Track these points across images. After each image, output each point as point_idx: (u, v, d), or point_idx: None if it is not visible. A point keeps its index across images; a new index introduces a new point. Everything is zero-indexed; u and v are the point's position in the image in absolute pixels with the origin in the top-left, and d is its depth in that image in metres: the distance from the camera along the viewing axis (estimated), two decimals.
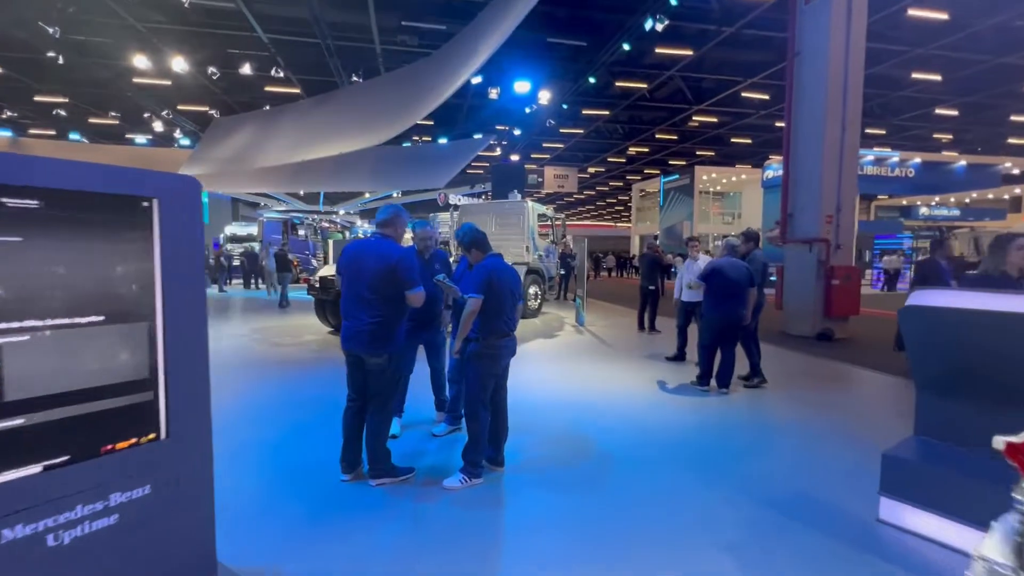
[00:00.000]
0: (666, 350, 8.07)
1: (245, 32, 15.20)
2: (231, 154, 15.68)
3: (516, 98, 21.62)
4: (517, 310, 3.87)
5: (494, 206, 12.00)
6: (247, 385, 6.03)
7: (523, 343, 8.48)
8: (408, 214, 4.41)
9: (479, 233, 3.82)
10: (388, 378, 3.41)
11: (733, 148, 30.67)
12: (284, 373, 6.55)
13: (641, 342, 9.08)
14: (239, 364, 7.06)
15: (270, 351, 7.85)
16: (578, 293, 10.73)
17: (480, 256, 3.75)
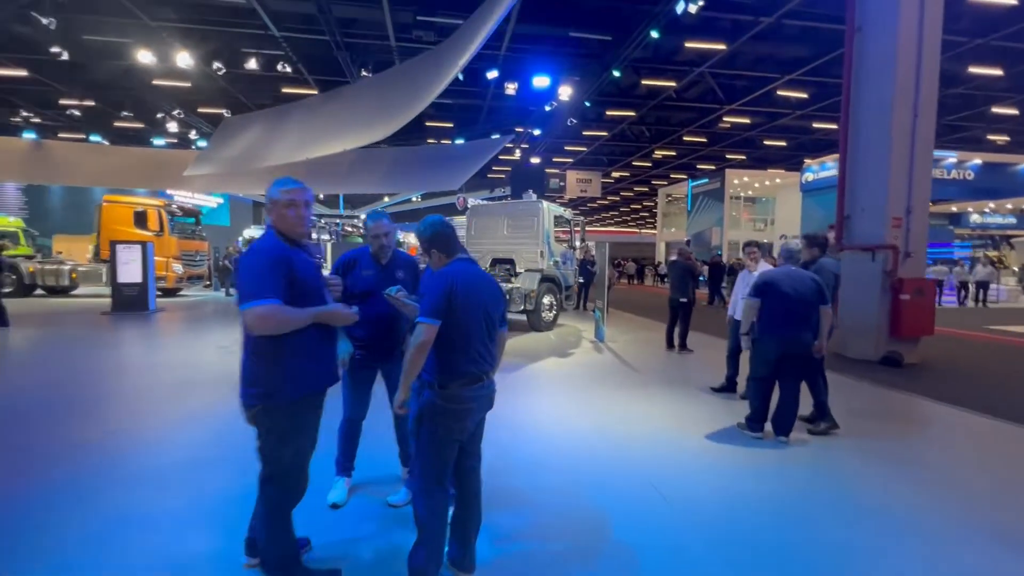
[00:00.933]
0: (701, 375, 6.69)
1: (259, 31, 14.64)
2: (238, 153, 14.88)
3: (536, 96, 20.45)
4: (497, 341, 2.64)
5: (506, 207, 10.80)
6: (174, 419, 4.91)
7: (532, 362, 7.22)
8: (387, 217, 3.29)
9: (445, 228, 2.57)
10: (269, 442, 2.21)
11: (766, 151, 28.91)
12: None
13: (671, 364, 7.71)
14: (185, 388, 5.96)
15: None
16: (597, 304, 9.41)
17: (442, 260, 2.51)
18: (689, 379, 6.60)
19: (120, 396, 5.53)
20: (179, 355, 7.54)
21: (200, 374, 6.34)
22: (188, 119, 19.91)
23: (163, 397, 5.38)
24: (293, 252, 2.24)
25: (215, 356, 7.45)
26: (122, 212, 15.17)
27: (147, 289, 12.17)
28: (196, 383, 5.86)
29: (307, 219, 2.33)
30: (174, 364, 6.85)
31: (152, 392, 5.56)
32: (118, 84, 19.13)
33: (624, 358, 7.83)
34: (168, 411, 4.93)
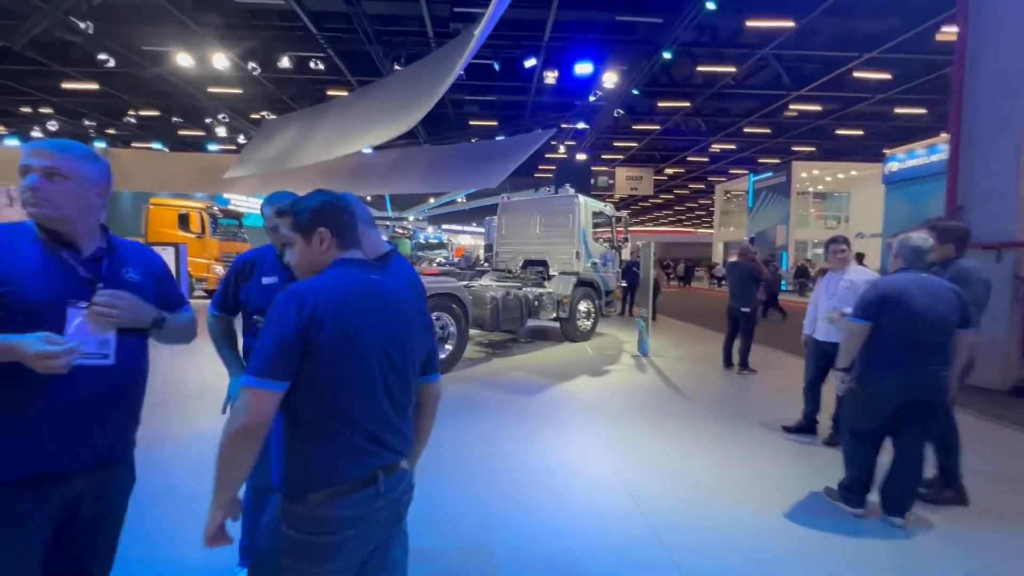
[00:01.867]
0: (768, 405, 5.28)
1: (300, 31, 14.46)
2: (274, 154, 14.57)
3: (581, 88, 19.13)
4: (423, 401, 1.55)
5: (539, 202, 9.64)
6: None
7: (559, 382, 6.03)
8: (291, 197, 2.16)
9: (341, 204, 1.49)
10: None
11: (838, 142, 26.12)
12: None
13: (729, 388, 6.30)
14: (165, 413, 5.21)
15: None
16: (641, 313, 8.08)
17: (320, 257, 1.43)
18: (753, 411, 5.21)
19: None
20: (189, 364, 6.92)
21: (192, 389, 5.62)
22: (236, 123, 20.09)
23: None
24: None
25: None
26: (167, 214, 15.25)
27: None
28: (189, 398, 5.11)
29: (45, 193, 1.31)
30: (184, 375, 6.21)
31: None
32: (175, 93, 19.63)
33: (671, 379, 6.49)
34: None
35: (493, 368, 6.90)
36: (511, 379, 6.30)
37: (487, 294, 7.18)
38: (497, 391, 5.74)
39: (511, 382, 6.16)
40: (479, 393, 5.65)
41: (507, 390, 5.79)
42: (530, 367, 6.98)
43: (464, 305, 6.63)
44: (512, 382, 6.16)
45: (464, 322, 6.64)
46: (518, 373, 6.60)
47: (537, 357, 7.70)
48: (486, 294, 7.18)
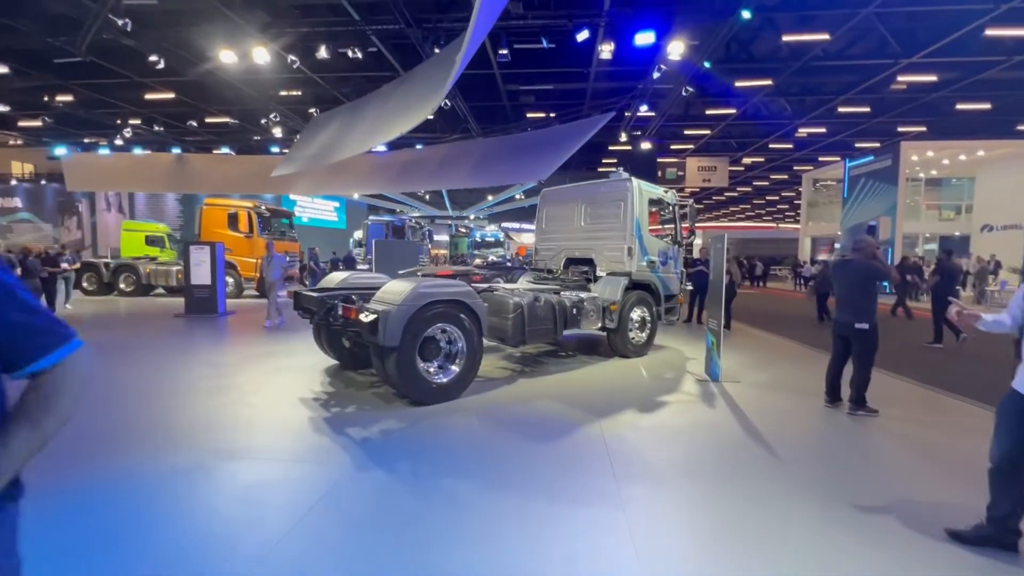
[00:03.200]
0: (908, 471, 3.42)
1: (346, 26, 13.88)
2: (317, 150, 13.96)
3: (644, 65, 17.10)
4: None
5: (583, 189, 7.96)
6: None
7: (597, 418, 4.47)
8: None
9: None
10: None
11: (958, 119, 22.04)
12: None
13: (842, 441, 4.39)
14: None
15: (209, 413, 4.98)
16: (710, 326, 6.26)
17: None
18: (885, 485, 3.37)
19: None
20: (190, 376, 6.05)
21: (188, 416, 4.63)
22: (294, 124, 20.01)
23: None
24: None
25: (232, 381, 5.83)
26: (219, 214, 15.14)
27: (216, 291, 11.49)
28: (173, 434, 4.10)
29: None
30: (178, 389, 5.33)
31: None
32: (241, 99, 19.94)
33: (752, 420, 4.69)
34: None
35: (514, 394, 5.43)
36: (533, 414, 4.80)
37: (509, 300, 5.72)
38: (507, 434, 4.27)
39: (531, 419, 4.66)
40: (481, 437, 4.20)
41: (522, 432, 4.29)
42: (563, 394, 5.43)
43: (476, 315, 5.22)
44: (533, 419, 4.65)
45: (477, 336, 5.23)
46: (545, 404, 5.08)
47: (575, 379, 6.13)
48: (508, 300, 5.72)
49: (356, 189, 22.61)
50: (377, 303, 4.90)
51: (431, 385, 4.97)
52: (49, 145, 26.92)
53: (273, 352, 7.44)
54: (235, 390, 5.41)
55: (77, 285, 15.52)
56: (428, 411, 4.78)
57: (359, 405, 4.95)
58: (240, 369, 6.37)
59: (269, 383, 5.73)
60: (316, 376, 6.03)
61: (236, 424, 4.39)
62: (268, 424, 4.40)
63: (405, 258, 10.87)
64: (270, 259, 10.28)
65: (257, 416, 4.61)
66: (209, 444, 3.92)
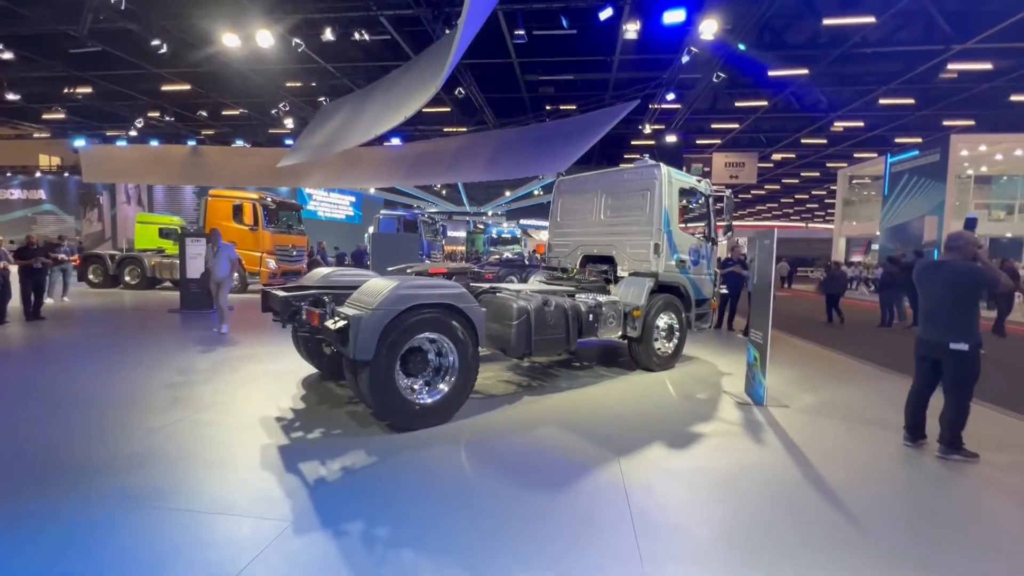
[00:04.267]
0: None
1: (361, 11, 13.08)
2: (324, 139, 13.21)
3: (672, 52, 15.92)
4: None
5: (604, 177, 6.92)
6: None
7: (616, 456, 3.51)
8: None
9: None
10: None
11: (1010, 111, 20.29)
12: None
13: (942, 496, 3.36)
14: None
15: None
16: (751, 336, 5.22)
17: None
18: (1008, 570, 2.36)
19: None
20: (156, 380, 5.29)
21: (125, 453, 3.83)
22: (300, 114, 19.37)
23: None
24: None
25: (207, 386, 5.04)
26: (223, 206, 14.52)
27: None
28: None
29: None
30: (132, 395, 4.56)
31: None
32: (256, 91, 19.40)
33: (815, 464, 3.66)
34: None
35: (516, 417, 4.49)
36: (536, 447, 3.86)
37: (512, 304, 4.78)
38: (500, 478, 3.33)
39: (533, 456, 3.72)
40: (466, 483, 3.28)
41: (520, 477, 3.35)
42: (575, 419, 4.48)
43: (471, 321, 4.29)
44: (535, 456, 3.71)
45: (472, 347, 4.30)
46: (552, 433, 4.14)
47: (590, 398, 5.16)
48: (511, 304, 4.78)
49: (369, 182, 21.93)
50: (350, 306, 4.02)
51: (413, 406, 4.06)
52: (72, 138, 26.92)
53: (254, 355, 6.64)
54: (192, 404, 4.59)
55: (83, 277, 15.13)
56: (408, 440, 3.87)
57: (327, 428, 4.07)
58: (210, 376, 5.57)
59: (234, 396, 4.89)
60: (290, 388, 5.18)
61: (170, 454, 3.54)
62: (209, 455, 3.55)
63: (407, 254, 9.96)
64: (216, 250, 8.30)
65: (201, 442, 3.77)
66: (119, 483, 3.07)
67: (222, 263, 8.26)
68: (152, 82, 19.97)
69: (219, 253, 8.29)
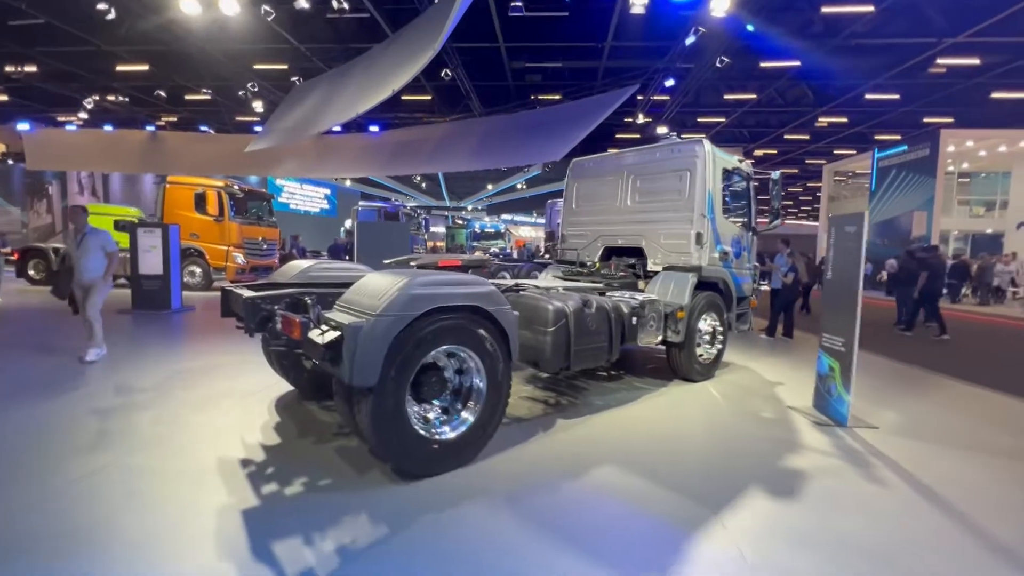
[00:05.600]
0: None
1: None
2: (296, 122, 11.83)
3: (671, 35, 15.07)
4: None
5: (630, 158, 5.90)
6: None
7: (717, 509, 2.41)
8: None
9: None
10: None
11: (990, 108, 20.27)
12: None
13: None
14: None
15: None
16: (829, 343, 4.31)
17: None
18: None
19: None
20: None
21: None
22: (270, 97, 17.78)
23: None
24: None
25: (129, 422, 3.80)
26: (184, 194, 12.95)
27: (170, 283, 9.40)
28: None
29: None
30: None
31: None
32: (223, 74, 17.68)
33: (970, 513, 2.76)
34: None
35: (555, 451, 3.46)
36: (602, 502, 2.83)
37: (547, 306, 3.74)
38: (578, 556, 2.29)
39: (605, 517, 2.69)
40: (529, 569, 2.23)
41: (604, 558, 2.32)
42: (632, 454, 3.47)
43: (503, 330, 3.23)
44: (607, 518, 2.68)
45: (503, 362, 3.24)
46: (611, 475, 3.12)
47: (637, 419, 4.17)
48: (546, 306, 3.74)
49: (347, 172, 20.45)
50: (342, 311, 2.91)
51: (430, 444, 2.98)
52: (16, 122, 24.45)
53: (216, 367, 5.40)
54: (124, 441, 3.38)
55: (22, 273, 13.34)
56: (424, 493, 2.79)
57: (312, 477, 2.95)
58: (155, 397, 4.33)
59: (184, 427, 3.70)
60: (259, 414, 4.01)
61: (80, 529, 2.37)
62: (138, 528, 2.39)
63: (396, 245, 8.75)
64: (80, 237, 5.44)
65: (129, 506, 2.59)
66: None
67: (92, 257, 5.43)
68: (105, 61, 18.05)
69: (85, 242, 5.41)
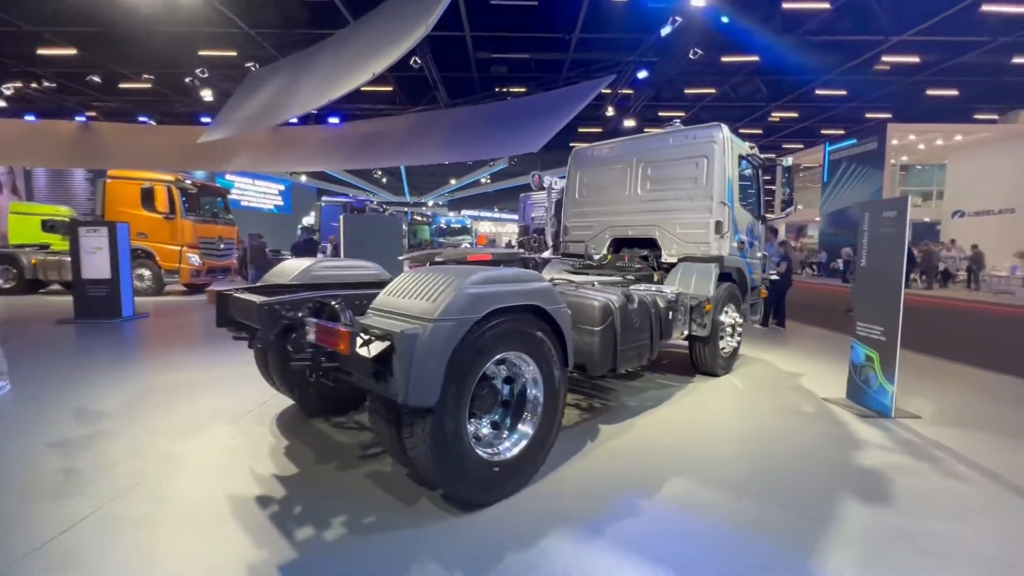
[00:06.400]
0: None
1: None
2: (256, 111, 10.87)
3: (634, 32, 15.01)
4: None
5: (639, 144, 5.61)
6: None
7: (818, 526, 2.11)
8: None
9: None
10: None
11: (926, 104, 21.57)
12: None
13: None
14: None
15: None
16: (858, 331, 4.16)
17: None
18: None
19: None
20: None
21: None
22: (221, 86, 16.42)
23: None
24: None
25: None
26: (128, 190, 11.66)
27: (120, 288, 8.35)
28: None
29: None
30: None
31: None
32: (163, 58, 16.11)
33: None
34: None
35: (615, 466, 3.10)
36: (672, 517, 2.51)
37: (594, 302, 3.37)
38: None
39: (679, 534, 2.36)
40: None
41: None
42: (693, 460, 3.17)
43: (560, 330, 2.83)
44: (684, 536, 2.36)
45: (560, 370, 2.85)
46: (685, 489, 2.79)
47: (673, 421, 3.88)
48: (592, 302, 3.37)
49: (306, 166, 19.24)
50: (381, 316, 2.42)
51: (490, 467, 2.54)
52: None
53: (192, 382, 4.69)
54: (103, 482, 2.74)
55: None
56: (491, 524, 2.36)
57: (350, 516, 2.44)
58: (127, 424, 3.64)
59: (174, 460, 3.07)
60: (262, 435, 3.42)
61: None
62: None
63: (388, 241, 8.04)
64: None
65: (129, 571, 2.02)
66: None
67: None
68: (27, 44, 16.14)
69: None
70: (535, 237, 15.02)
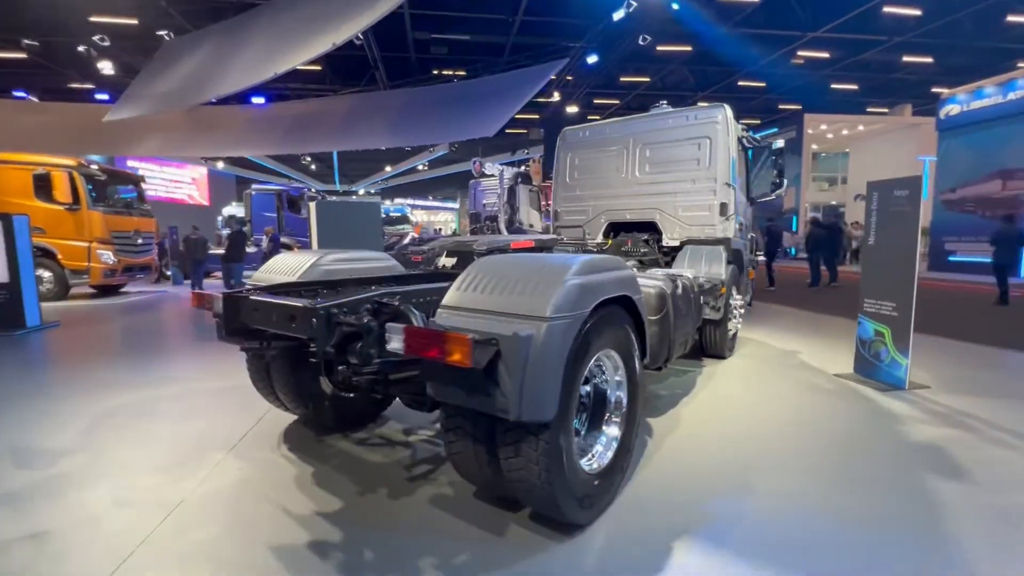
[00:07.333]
0: None
1: None
2: (177, 85, 9.45)
3: (580, 19, 14.93)
4: None
5: (635, 125, 5.38)
6: None
7: (921, 519, 2.01)
8: None
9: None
10: None
11: (831, 97, 23.58)
12: None
13: None
14: None
15: None
16: (866, 307, 4.28)
17: None
18: None
19: None
20: None
21: None
22: (115, 56, 14.23)
23: None
24: None
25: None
26: (16, 177, 9.74)
27: (21, 292, 6.93)
28: None
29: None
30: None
31: None
32: (45, 23, 13.55)
33: None
34: None
35: (678, 465, 2.89)
36: (783, 514, 2.35)
37: (651, 289, 3.12)
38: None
39: (799, 532, 2.21)
40: None
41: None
42: (746, 449, 3.05)
43: (640, 322, 2.55)
44: (806, 532, 2.21)
45: (639, 362, 2.58)
46: (765, 483, 2.65)
47: (711, 408, 3.77)
48: (650, 289, 3.11)
49: (228, 150, 17.30)
50: (464, 315, 1.98)
51: (590, 481, 2.22)
52: None
53: (155, 399, 3.89)
54: (92, 549, 2.08)
55: None
56: (606, 547, 2.05)
57: (439, 558, 2.00)
58: (94, 461, 2.88)
59: (174, 505, 2.43)
60: (275, 463, 2.84)
61: None
62: None
63: (366, 230, 7.20)
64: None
65: None
66: None
67: None
68: None
69: None
70: (488, 224, 14.59)
